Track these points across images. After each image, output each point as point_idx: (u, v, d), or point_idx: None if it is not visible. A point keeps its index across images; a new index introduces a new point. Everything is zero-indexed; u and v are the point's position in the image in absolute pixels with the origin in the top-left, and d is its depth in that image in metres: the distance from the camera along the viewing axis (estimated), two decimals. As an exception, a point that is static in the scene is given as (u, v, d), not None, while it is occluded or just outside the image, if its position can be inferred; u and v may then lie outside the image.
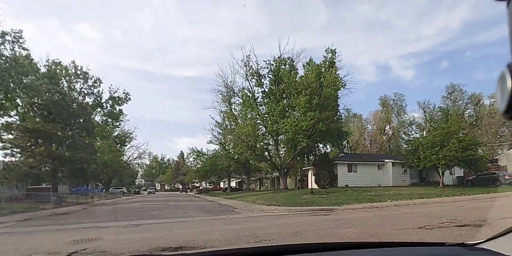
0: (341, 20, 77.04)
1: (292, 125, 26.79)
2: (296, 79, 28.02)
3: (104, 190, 50.60)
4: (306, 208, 14.76)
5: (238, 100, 39.76)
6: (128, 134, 52.13)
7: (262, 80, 31.39)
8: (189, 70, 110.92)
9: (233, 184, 63.68)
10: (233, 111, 40.46)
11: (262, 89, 31.57)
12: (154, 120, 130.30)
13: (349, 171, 31.75)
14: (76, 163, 24.45)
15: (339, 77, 28.12)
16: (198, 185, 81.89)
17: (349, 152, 50.10)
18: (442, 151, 24.91)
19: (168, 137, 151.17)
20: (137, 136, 63.11)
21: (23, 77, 22.31)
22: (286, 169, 31.37)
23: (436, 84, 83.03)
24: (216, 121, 40.67)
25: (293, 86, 27.35)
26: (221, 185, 73.41)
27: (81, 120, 26.26)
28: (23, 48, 20.57)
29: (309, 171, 37.94)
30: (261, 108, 31.73)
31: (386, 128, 64.92)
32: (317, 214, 11.89)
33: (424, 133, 52.42)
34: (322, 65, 30.09)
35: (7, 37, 19.58)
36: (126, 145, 49.47)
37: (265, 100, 32.02)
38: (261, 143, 30.42)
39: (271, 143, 32.23)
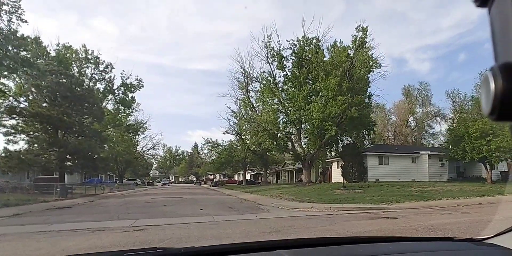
0: (356, 12, 72.94)
1: (319, 111, 23.89)
2: (324, 59, 24.91)
3: (118, 182, 49.26)
4: (350, 207, 12.03)
5: (255, 88, 37.18)
6: (141, 124, 50.36)
7: (285, 63, 28.44)
8: (203, 64, 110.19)
9: (247, 177, 61.46)
10: (250, 99, 37.96)
11: (284, 73, 28.64)
12: (168, 114, 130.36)
13: (380, 163, 28.68)
14: (83, 152, 22.43)
15: (372, 56, 24.82)
16: (212, 177, 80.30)
17: (369, 143, 46.63)
18: (495, 142, 21.50)
19: (183, 130, 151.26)
20: (150, 126, 61.74)
21: (22, 52, 20.24)
22: (310, 161, 28.57)
23: (453, 78, 79.00)
24: (232, 111, 38.68)
25: (321, 67, 24.30)
26: (236, 177, 71.52)
27: (89, 105, 24.17)
28: (22, 20, 18.49)
29: (333, 163, 35.07)
30: (282, 94, 28.83)
31: (409, 120, 61.40)
32: (373, 216, 9.14)
33: (454, 124, 48.67)
34: (352, 46, 26.79)
35: (4, 7, 17.50)
36: (139, 134, 47.71)
37: (287, 85, 29.12)
38: (283, 132, 27.63)
39: (293, 132, 29.38)
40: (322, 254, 1.53)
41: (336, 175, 33.97)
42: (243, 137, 41.06)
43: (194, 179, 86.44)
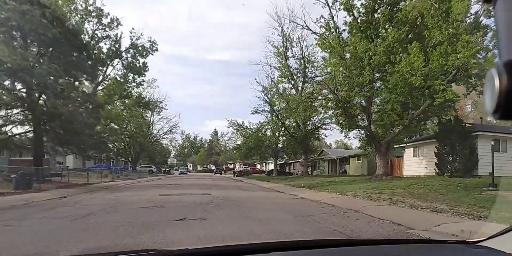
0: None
1: (421, 63, 15.07)
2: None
3: (131, 168, 42.45)
4: None
5: (296, 53, 28.95)
6: (157, 102, 42.87)
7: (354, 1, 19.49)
8: (221, 54, 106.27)
9: (271, 166, 53.47)
10: (290, 67, 29.76)
11: (352, 17, 19.71)
12: (186, 104, 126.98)
13: (496, 150, 19.52)
14: (60, 120, 14.79)
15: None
16: (232, 166, 73.08)
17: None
18: None
19: (200, 120, 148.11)
20: (167, 106, 54.76)
21: None
22: (387, 145, 19.87)
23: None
24: (262, 86, 31.60)
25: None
26: (258, 167, 64.14)
27: (76, 53, 16.42)
28: None
29: (405, 150, 26.22)
30: (348, 48, 19.94)
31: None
32: None
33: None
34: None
35: None
36: (151, 110, 40.06)
37: (355, 37, 20.23)
38: (355, 101, 18.89)
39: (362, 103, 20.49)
40: None
41: (411, 165, 25.15)
42: (279, 116, 33.05)
43: (213, 168, 79.60)
